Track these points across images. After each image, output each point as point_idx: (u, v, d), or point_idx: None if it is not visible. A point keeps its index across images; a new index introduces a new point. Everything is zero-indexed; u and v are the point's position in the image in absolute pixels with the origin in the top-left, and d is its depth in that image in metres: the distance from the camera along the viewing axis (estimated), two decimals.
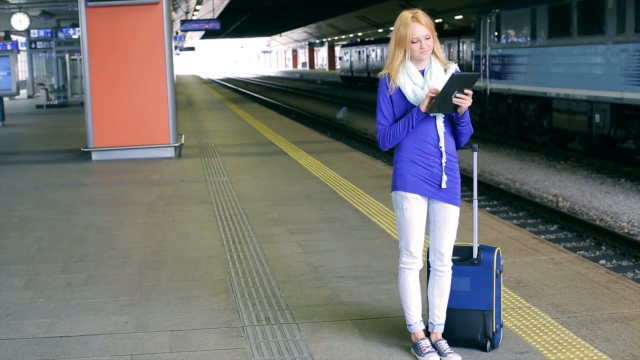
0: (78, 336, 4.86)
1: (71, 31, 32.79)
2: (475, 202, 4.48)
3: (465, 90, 4.03)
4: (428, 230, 4.31)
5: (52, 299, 5.63)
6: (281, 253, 6.76)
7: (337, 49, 71.42)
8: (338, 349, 4.51)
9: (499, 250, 4.40)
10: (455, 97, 4.01)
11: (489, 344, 4.36)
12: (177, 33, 49.21)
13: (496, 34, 20.12)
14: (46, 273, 6.35)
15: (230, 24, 64.72)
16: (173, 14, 35.32)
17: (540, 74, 17.81)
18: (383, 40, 50.89)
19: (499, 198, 12.82)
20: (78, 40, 17.47)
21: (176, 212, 8.75)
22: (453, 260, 4.31)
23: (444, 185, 4.16)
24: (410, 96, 4.14)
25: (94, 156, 13.49)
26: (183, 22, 39.26)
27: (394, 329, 4.75)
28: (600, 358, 4.27)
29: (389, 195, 4.40)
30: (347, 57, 57.47)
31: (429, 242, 4.33)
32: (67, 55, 34.06)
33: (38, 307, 5.46)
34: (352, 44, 60.21)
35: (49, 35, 34.77)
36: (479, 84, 20.18)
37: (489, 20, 20.53)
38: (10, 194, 10.45)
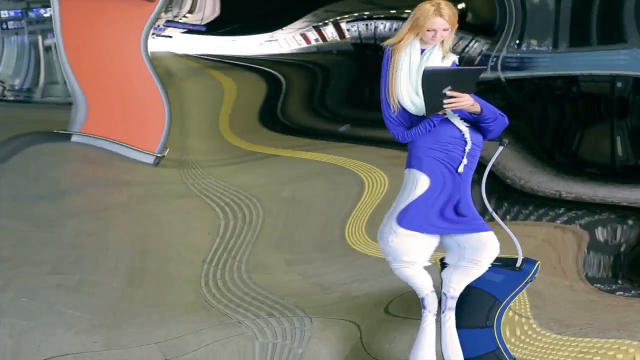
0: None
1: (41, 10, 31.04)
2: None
3: (448, 92, 3.67)
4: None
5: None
6: None
7: None
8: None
9: (538, 264, 4.08)
10: (446, 96, 3.66)
11: None
12: (158, 26, 48.68)
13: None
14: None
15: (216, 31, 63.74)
16: (162, 14, 34.89)
17: None
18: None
19: None
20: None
21: None
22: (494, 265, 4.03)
23: (460, 169, 3.88)
24: (405, 79, 3.91)
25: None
26: (169, 21, 38.64)
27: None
28: None
29: None
30: None
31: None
32: (39, 37, 32.19)
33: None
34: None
35: (20, 14, 33.26)
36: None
37: None
38: None
